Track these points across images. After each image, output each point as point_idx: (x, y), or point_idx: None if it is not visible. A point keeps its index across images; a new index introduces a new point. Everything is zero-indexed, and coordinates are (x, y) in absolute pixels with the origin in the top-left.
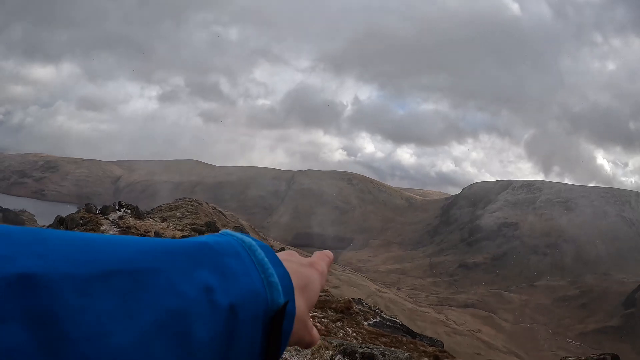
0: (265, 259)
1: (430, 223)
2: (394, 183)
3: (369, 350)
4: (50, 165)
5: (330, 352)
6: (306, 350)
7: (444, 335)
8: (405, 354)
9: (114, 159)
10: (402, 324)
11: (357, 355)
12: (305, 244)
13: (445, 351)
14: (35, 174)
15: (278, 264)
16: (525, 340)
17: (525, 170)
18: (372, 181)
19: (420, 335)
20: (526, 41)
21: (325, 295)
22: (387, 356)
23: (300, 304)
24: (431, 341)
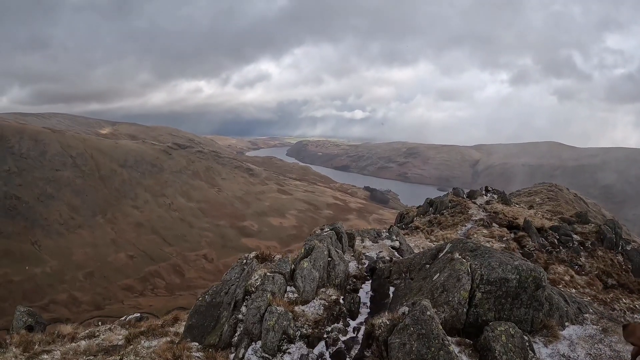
0: None
1: None
2: None
3: None
4: (412, 152)
5: None
6: None
7: None
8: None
9: (472, 144)
10: None
11: None
12: None
13: None
14: (399, 159)
15: None
16: None
17: None
18: None
19: None
20: None
21: None
22: None
23: None
24: None
